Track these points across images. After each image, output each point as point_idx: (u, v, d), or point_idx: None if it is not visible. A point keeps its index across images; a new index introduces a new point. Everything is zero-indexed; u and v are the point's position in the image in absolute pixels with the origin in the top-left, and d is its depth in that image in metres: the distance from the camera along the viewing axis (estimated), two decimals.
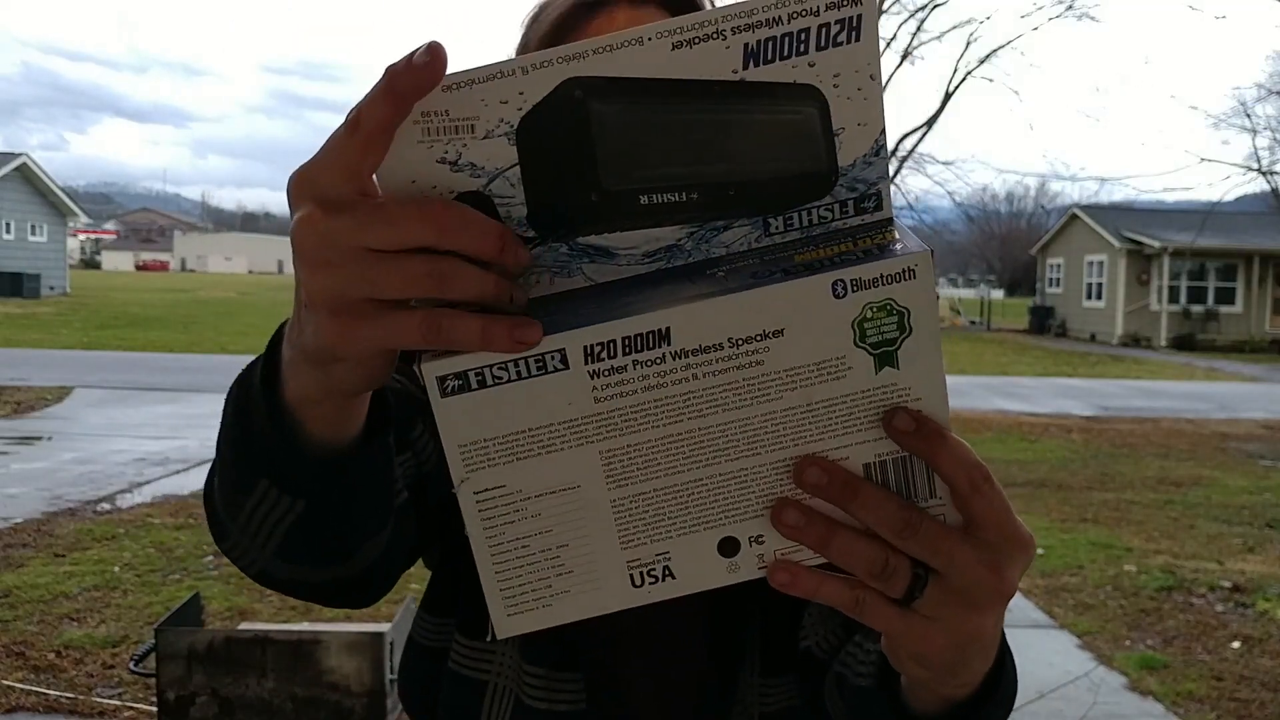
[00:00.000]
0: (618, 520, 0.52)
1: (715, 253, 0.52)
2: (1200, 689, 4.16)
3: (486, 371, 0.49)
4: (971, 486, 0.52)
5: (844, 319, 0.49)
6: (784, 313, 0.49)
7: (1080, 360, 21.68)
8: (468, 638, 0.88)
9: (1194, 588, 5.50)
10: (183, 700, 2.96)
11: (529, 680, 0.84)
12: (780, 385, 0.50)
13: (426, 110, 0.48)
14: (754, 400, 0.50)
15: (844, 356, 0.50)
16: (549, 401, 0.49)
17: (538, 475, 0.51)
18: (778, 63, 0.49)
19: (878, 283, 0.49)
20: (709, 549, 0.53)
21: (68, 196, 33.49)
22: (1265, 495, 8.04)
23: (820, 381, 0.50)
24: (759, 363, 0.49)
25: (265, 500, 0.61)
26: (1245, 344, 25.60)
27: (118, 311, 26.12)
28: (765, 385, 0.50)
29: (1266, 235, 27.49)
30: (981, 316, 37.25)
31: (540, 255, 0.51)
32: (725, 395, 0.50)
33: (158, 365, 15.02)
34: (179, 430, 9.55)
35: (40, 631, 4.42)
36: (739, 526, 0.53)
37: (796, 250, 0.51)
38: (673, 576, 0.53)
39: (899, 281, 0.49)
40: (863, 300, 0.49)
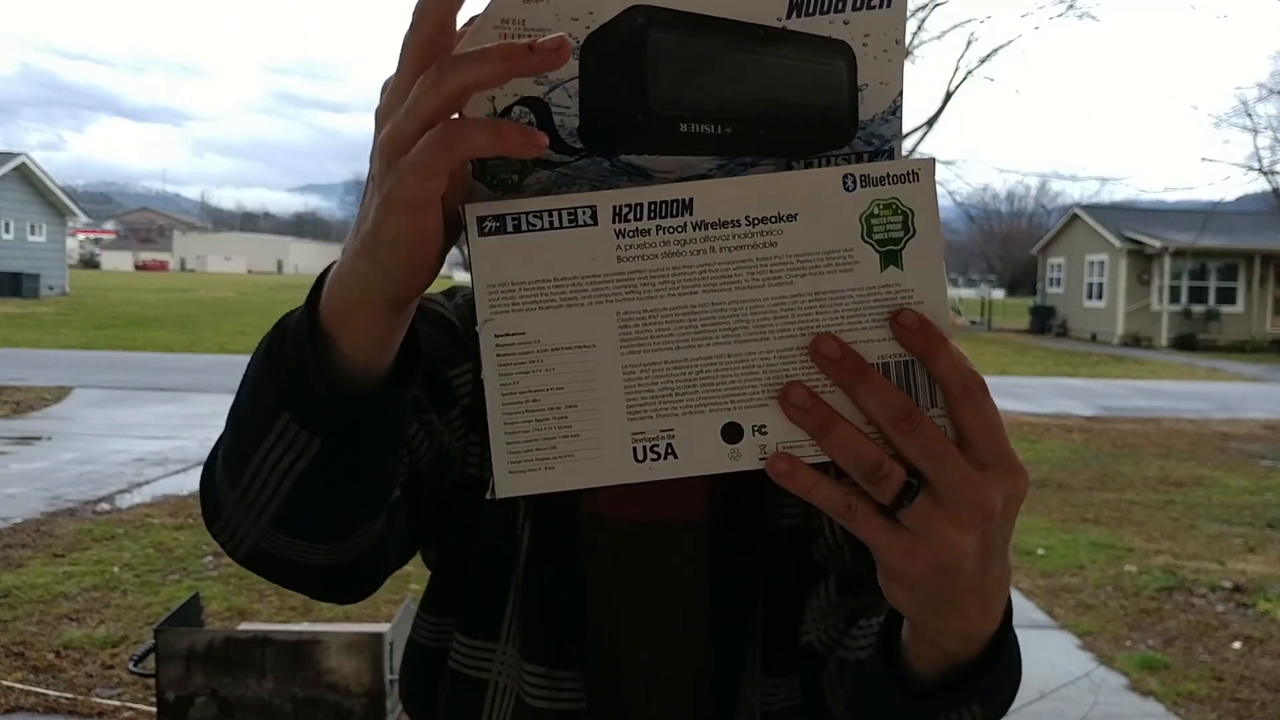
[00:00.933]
0: (627, 388, 0.54)
1: None
2: (1201, 689, 4.16)
3: (522, 217, 0.53)
4: (965, 393, 0.53)
5: (853, 212, 0.53)
6: (798, 197, 0.53)
7: (1081, 360, 21.67)
8: (469, 637, 0.88)
9: (1195, 588, 5.49)
10: (182, 700, 2.95)
11: (529, 679, 0.84)
12: (791, 270, 0.53)
13: (505, 18, 0.52)
14: (765, 281, 0.54)
15: (851, 249, 0.53)
16: (575, 253, 0.53)
17: (557, 327, 0.54)
18: (817, 16, 0.54)
19: (884, 181, 0.53)
20: (713, 432, 0.54)
21: (67, 196, 33.48)
22: (1266, 495, 8.03)
23: (829, 271, 0.53)
24: (772, 244, 0.53)
25: (280, 443, 0.61)
26: (1246, 344, 25.60)
27: (117, 311, 26.12)
28: (777, 267, 0.53)
29: (1267, 235, 27.48)
30: (982, 316, 37.24)
31: (583, 168, 0.55)
32: (739, 272, 0.54)
33: (157, 365, 15.02)
34: (178, 430, 9.55)
35: (39, 632, 4.42)
36: (744, 413, 0.54)
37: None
38: (674, 455, 0.55)
39: (904, 182, 0.53)
40: (870, 196, 0.53)
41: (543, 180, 0.56)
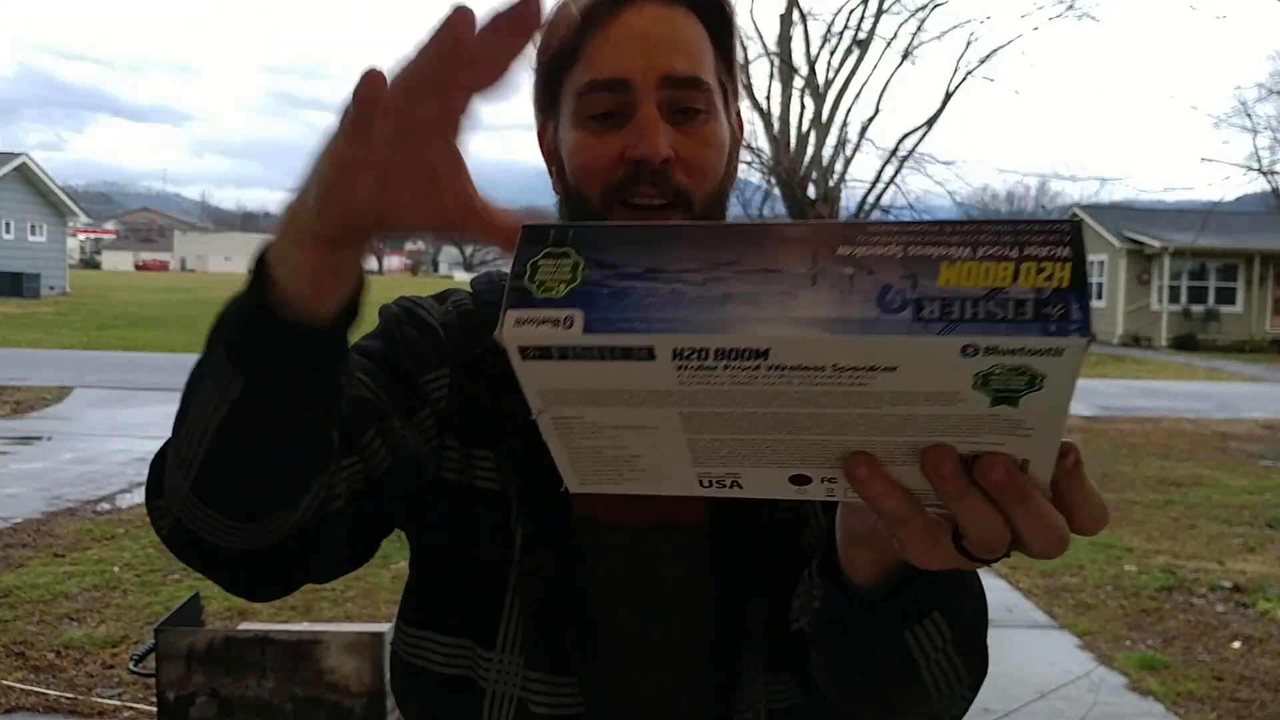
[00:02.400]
0: (693, 451, 0.52)
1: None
2: (1201, 689, 4.16)
3: (569, 349, 0.46)
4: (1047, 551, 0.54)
5: (967, 371, 0.44)
6: (900, 359, 0.44)
7: None
8: (461, 640, 0.87)
9: (1194, 588, 5.49)
10: (182, 700, 2.95)
11: (532, 685, 0.84)
12: (881, 401, 0.46)
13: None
14: (850, 406, 0.47)
15: (958, 392, 0.45)
16: (631, 379, 0.47)
17: (616, 416, 0.50)
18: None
19: (1017, 354, 0.43)
20: (780, 479, 0.53)
21: (67, 196, 33.49)
22: (1266, 495, 8.03)
23: (926, 404, 0.46)
24: (862, 385, 0.46)
25: (210, 382, 0.63)
26: (1246, 344, 25.59)
27: (117, 311, 26.11)
28: (865, 399, 0.46)
29: (1267, 235, 27.48)
30: None
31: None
32: (820, 399, 0.47)
33: (157, 365, 15.01)
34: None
35: (40, 631, 4.42)
36: (814, 470, 0.52)
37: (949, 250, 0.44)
38: (739, 487, 0.54)
39: (1042, 356, 0.43)
40: (993, 362, 0.43)
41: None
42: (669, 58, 0.83)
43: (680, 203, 0.83)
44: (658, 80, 0.82)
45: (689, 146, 0.83)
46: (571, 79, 0.85)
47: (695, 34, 0.85)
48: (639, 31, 0.83)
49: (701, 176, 0.84)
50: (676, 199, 0.83)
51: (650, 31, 0.83)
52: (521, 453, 0.84)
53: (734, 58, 0.90)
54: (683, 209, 0.83)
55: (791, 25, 20.63)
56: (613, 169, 0.83)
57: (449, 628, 0.87)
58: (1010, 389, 0.44)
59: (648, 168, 0.81)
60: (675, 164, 0.82)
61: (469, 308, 0.92)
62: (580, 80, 0.84)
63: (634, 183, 0.82)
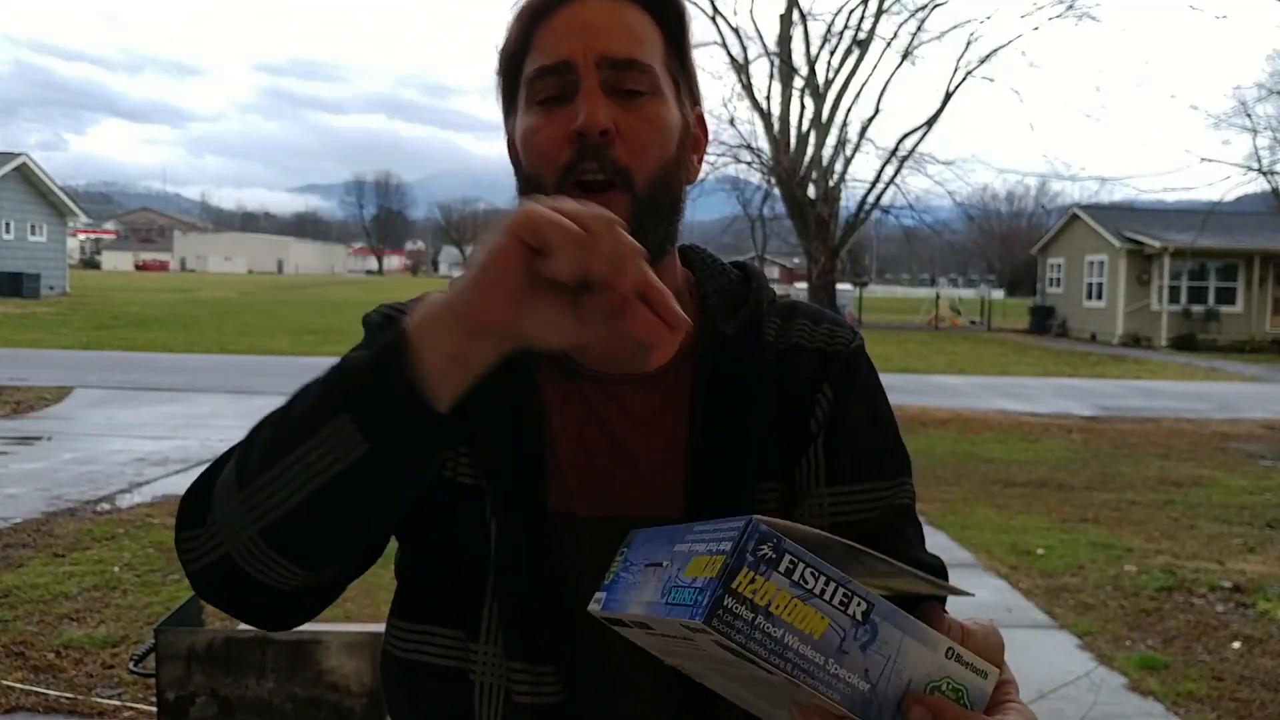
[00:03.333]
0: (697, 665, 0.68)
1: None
2: (1201, 689, 4.16)
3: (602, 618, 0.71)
4: None
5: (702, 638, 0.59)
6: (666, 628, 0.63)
7: (1081, 360, 21.67)
8: (453, 633, 0.87)
9: (1194, 588, 5.49)
10: (182, 700, 2.95)
11: (515, 675, 0.85)
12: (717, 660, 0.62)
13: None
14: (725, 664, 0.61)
15: (725, 658, 0.59)
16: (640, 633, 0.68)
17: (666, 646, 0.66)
18: None
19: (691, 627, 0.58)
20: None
21: (67, 196, 33.47)
22: (1266, 495, 8.03)
23: (730, 667, 0.61)
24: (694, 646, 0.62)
25: (324, 444, 0.68)
26: (1246, 344, 25.58)
27: (117, 311, 26.11)
28: (717, 659, 0.61)
29: (1267, 235, 27.47)
30: (982, 316, 37.22)
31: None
32: (709, 657, 0.61)
33: (157, 365, 15.02)
34: (179, 430, 9.55)
35: (40, 631, 4.42)
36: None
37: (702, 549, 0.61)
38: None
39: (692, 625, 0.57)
40: (686, 627, 0.58)
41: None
42: (607, 40, 0.86)
43: (620, 180, 0.84)
44: (596, 60, 0.85)
45: (629, 122, 0.85)
46: (524, 72, 0.89)
47: (640, 23, 0.88)
48: (581, 20, 0.87)
49: (642, 153, 0.85)
50: (616, 175, 0.84)
51: (592, 19, 0.87)
52: (493, 447, 0.86)
53: (687, 54, 0.92)
54: (622, 186, 0.85)
55: (791, 25, 20.62)
56: (560, 149, 0.85)
57: (447, 621, 0.88)
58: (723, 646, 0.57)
59: (590, 141, 0.83)
60: (616, 138, 0.84)
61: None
62: (530, 69, 0.88)
63: (581, 160, 0.84)
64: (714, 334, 0.92)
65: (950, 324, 35.35)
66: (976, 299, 42.75)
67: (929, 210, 29.97)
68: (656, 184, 0.86)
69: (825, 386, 0.91)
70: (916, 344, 24.84)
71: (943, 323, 35.19)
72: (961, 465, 8.85)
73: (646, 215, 0.85)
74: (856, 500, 0.89)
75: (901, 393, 13.82)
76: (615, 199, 0.83)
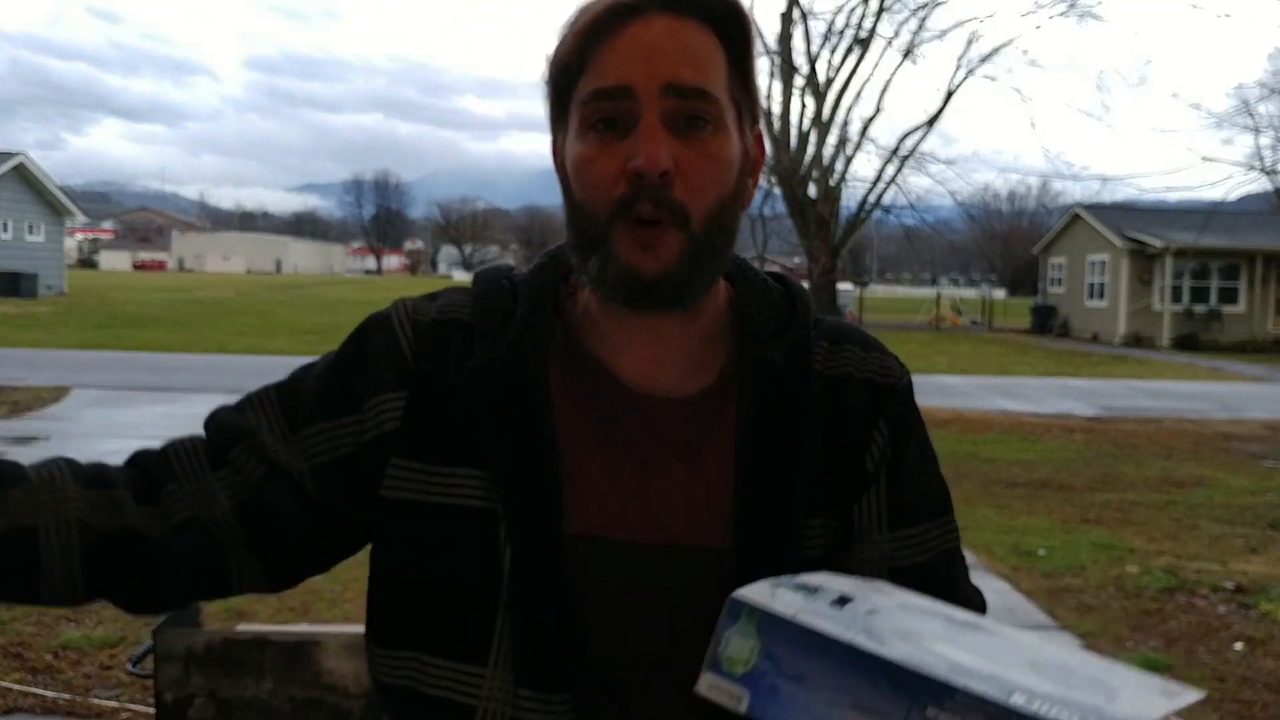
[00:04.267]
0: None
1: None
2: (1202, 690, 4.14)
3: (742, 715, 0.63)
4: None
5: None
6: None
7: (1082, 360, 21.66)
8: (454, 661, 0.85)
9: (1196, 589, 5.47)
10: (181, 701, 2.93)
11: (524, 704, 0.82)
12: None
13: None
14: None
15: None
16: None
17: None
18: None
19: None
20: None
21: (65, 196, 33.48)
22: (1268, 496, 8.02)
23: None
24: None
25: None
26: (1248, 344, 25.58)
27: (115, 311, 26.11)
28: None
29: (1269, 235, 27.47)
30: (983, 316, 37.24)
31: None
32: None
33: (155, 365, 15.01)
34: (177, 431, 9.42)
35: (38, 632, 4.40)
36: None
37: None
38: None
39: None
40: None
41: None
42: (673, 67, 0.81)
43: (677, 219, 0.81)
44: (660, 88, 0.80)
45: (691, 160, 0.81)
46: (578, 90, 0.84)
47: (706, 46, 0.83)
48: (645, 42, 0.81)
49: (701, 192, 0.82)
50: (672, 214, 0.81)
51: (656, 42, 0.81)
52: (513, 472, 0.83)
53: (752, 75, 0.88)
54: (678, 225, 0.81)
55: (792, 24, 20.60)
56: (615, 184, 0.81)
57: (436, 648, 0.85)
58: None
59: (648, 181, 0.80)
60: (675, 177, 0.81)
61: (462, 316, 0.90)
62: (585, 90, 0.83)
63: (636, 199, 0.80)
64: (761, 361, 0.88)
65: (951, 324, 35.35)
66: (978, 299, 42.77)
67: (930, 210, 30.00)
68: (713, 221, 0.83)
69: (881, 424, 0.89)
70: (917, 344, 24.85)
71: (944, 323, 35.19)
72: (962, 465, 8.83)
73: (701, 253, 0.83)
74: (913, 544, 0.89)
75: None
76: (669, 236, 0.81)
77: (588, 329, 0.90)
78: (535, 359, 0.87)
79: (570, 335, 0.90)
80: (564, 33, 0.86)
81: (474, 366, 0.86)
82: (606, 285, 0.83)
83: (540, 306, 0.89)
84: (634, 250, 0.81)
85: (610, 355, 0.89)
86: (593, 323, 0.90)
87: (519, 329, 0.87)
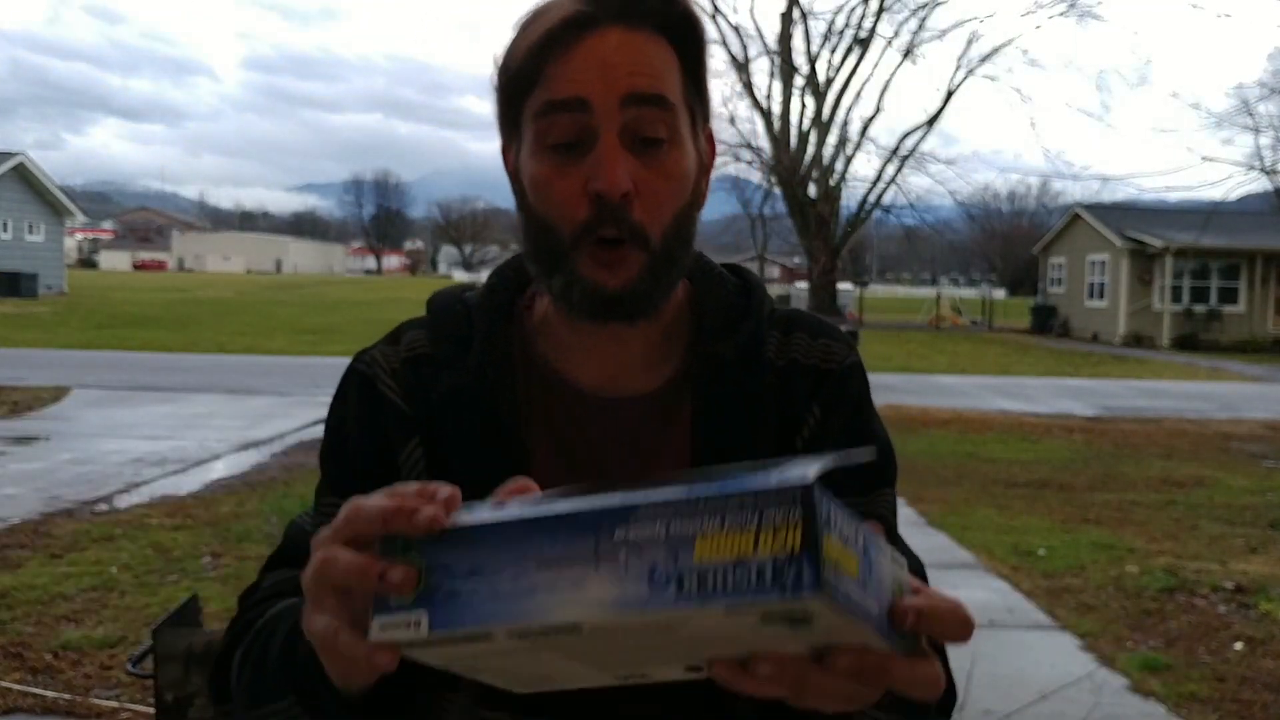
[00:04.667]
0: (590, 665, 0.58)
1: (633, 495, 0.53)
2: (1203, 690, 4.14)
3: (424, 642, 0.56)
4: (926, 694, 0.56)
5: (747, 616, 0.50)
6: (678, 625, 0.51)
7: (1082, 360, 21.66)
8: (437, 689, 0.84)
9: (1196, 589, 5.47)
10: (181, 702, 2.93)
11: None
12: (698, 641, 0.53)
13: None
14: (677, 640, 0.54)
15: (755, 624, 0.51)
16: (488, 652, 0.56)
17: (505, 662, 0.58)
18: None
19: (772, 610, 0.49)
20: (678, 670, 0.58)
21: (65, 195, 33.48)
22: (1268, 496, 8.01)
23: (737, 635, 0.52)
24: (673, 631, 0.52)
25: (287, 711, 0.73)
26: (1248, 344, 25.58)
27: (115, 311, 26.11)
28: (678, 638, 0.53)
29: (1269, 235, 27.48)
30: (983, 316, 37.24)
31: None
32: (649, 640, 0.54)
33: (155, 365, 15.01)
34: (177, 430, 9.54)
35: (37, 633, 4.40)
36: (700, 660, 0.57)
37: (703, 525, 0.51)
38: (648, 677, 0.60)
39: (794, 607, 0.49)
40: (759, 611, 0.50)
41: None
42: (630, 79, 0.81)
43: (636, 239, 0.82)
44: (619, 100, 0.80)
45: (649, 181, 0.82)
46: (531, 101, 0.83)
47: (662, 56, 0.84)
48: (600, 55, 0.81)
49: (659, 211, 0.83)
50: (632, 236, 0.82)
51: (611, 55, 0.81)
52: (469, 468, 0.83)
53: (704, 79, 0.89)
54: (639, 245, 0.82)
55: (792, 24, 20.59)
56: (577, 206, 0.82)
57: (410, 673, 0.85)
58: (795, 619, 0.50)
59: (608, 202, 0.80)
60: (634, 197, 0.81)
61: (424, 350, 0.91)
62: (539, 101, 0.82)
63: (600, 222, 0.81)
64: (711, 356, 0.90)
65: (951, 324, 35.35)
66: (978, 298, 42.77)
67: (930, 209, 30.00)
68: (670, 236, 0.84)
69: (815, 406, 0.91)
70: (917, 344, 24.83)
71: (944, 322, 35.18)
72: (962, 465, 8.83)
73: (661, 267, 0.84)
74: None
75: (902, 393, 13.81)
76: (631, 256, 0.82)
77: (545, 337, 0.91)
78: (498, 383, 0.88)
79: (527, 345, 0.92)
80: (515, 40, 0.86)
81: (440, 397, 0.87)
82: (571, 303, 0.84)
83: (495, 326, 0.91)
84: (597, 269, 0.82)
85: (568, 363, 0.90)
86: (550, 331, 0.91)
87: (479, 355, 0.89)
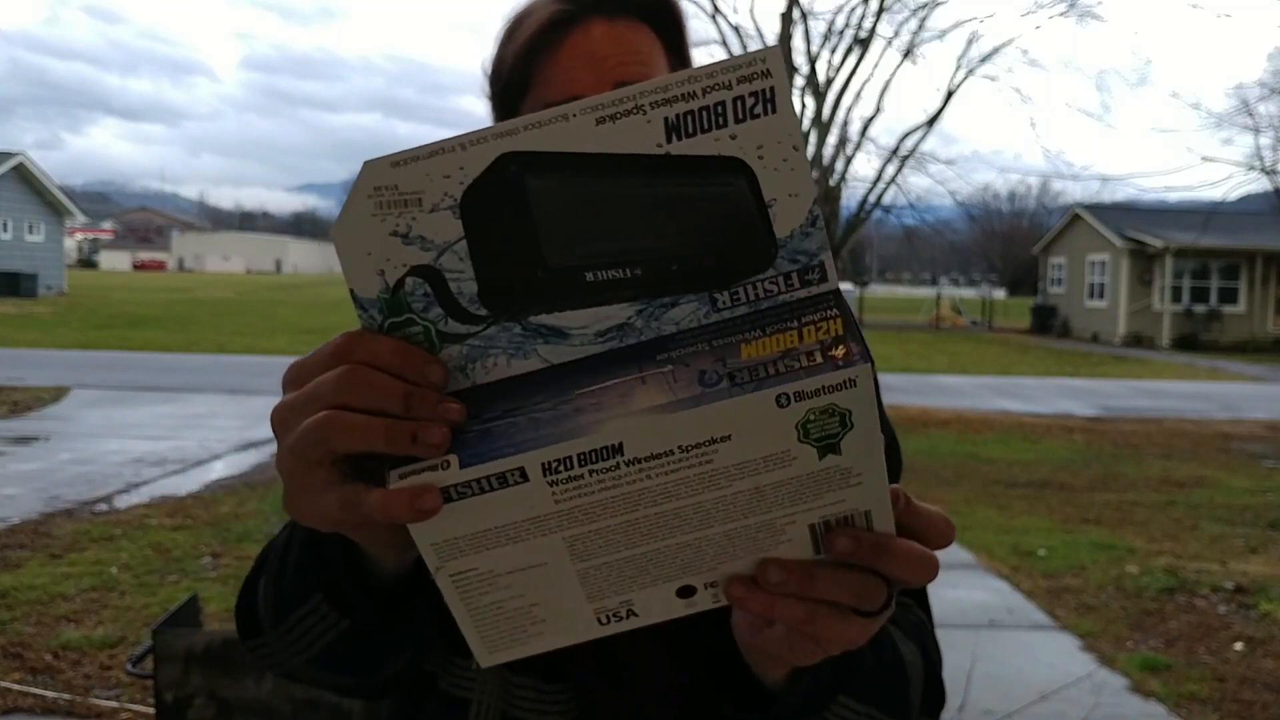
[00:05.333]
0: (584, 584, 0.56)
1: (665, 330, 0.53)
2: (1203, 690, 4.14)
3: (451, 489, 0.50)
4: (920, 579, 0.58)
5: (788, 422, 0.50)
6: (730, 424, 0.50)
7: (1082, 360, 21.66)
8: (458, 655, 0.84)
9: (1196, 589, 5.47)
10: (180, 702, 2.93)
11: (518, 693, 0.82)
12: (729, 476, 0.52)
13: (378, 185, 0.50)
14: (705, 489, 0.52)
15: (789, 450, 0.51)
16: (512, 508, 0.52)
17: (507, 559, 0.54)
18: (699, 136, 0.50)
19: (820, 393, 0.49)
20: (668, 595, 0.57)
21: (65, 196, 33.48)
22: (1268, 496, 8.02)
23: (767, 471, 0.52)
24: (708, 461, 0.51)
25: (313, 614, 0.70)
26: (1248, 344, 25.58)
27: (115, 311, 26.11)
28: (715, 478, 0.52)
29: (1269, 235, 27.48)
30: (983, 316, 37.24)
31: (495, 336, 0.53)
32: (678, 488, 0.52)
33: (155, 365, 15.01)
34: (176, 430, 9.53)
35: (37, 633, 4.40)
36: (695, 577, 0.57)
37: (744, 335, 0.52)
38: (635, 615, 0.58)
39: (841, 390, 0.49)
40: (805, 407, 0.50)
41: (454, 357, 0.53)
42: (620, 68, 0.83)
43: None
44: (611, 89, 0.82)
45: None
46: (526, 104, 0.85)
47: (645, 42, 0.86)
48: (586, 50, 0.83)
49: None
50: None
51: (598, 48, 0.83)
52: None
53: (688, 56, 0.91)
54: None
55: (792, 24, 20.61)
56: None
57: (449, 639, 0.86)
58: (829, 434, 0.50)
59: None
60: None
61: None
62: (536, 103, 0.84)
63: None
64: None
65: (951, 324, 35.35)
66: (978, 299, 42.78)
67: (930, 209, 29.99)
68: None
69: None
70: (918, 344, 24.83)
71: (944, 322, 35.18)
72: (963, 466, 8.83)
73: None
74: None
75: (902, 393, 13.81)
76: None
77: None
78: None
79: None
80: (501, 48, 0.87)
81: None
82: None
83: None
84: None
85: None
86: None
87: None
